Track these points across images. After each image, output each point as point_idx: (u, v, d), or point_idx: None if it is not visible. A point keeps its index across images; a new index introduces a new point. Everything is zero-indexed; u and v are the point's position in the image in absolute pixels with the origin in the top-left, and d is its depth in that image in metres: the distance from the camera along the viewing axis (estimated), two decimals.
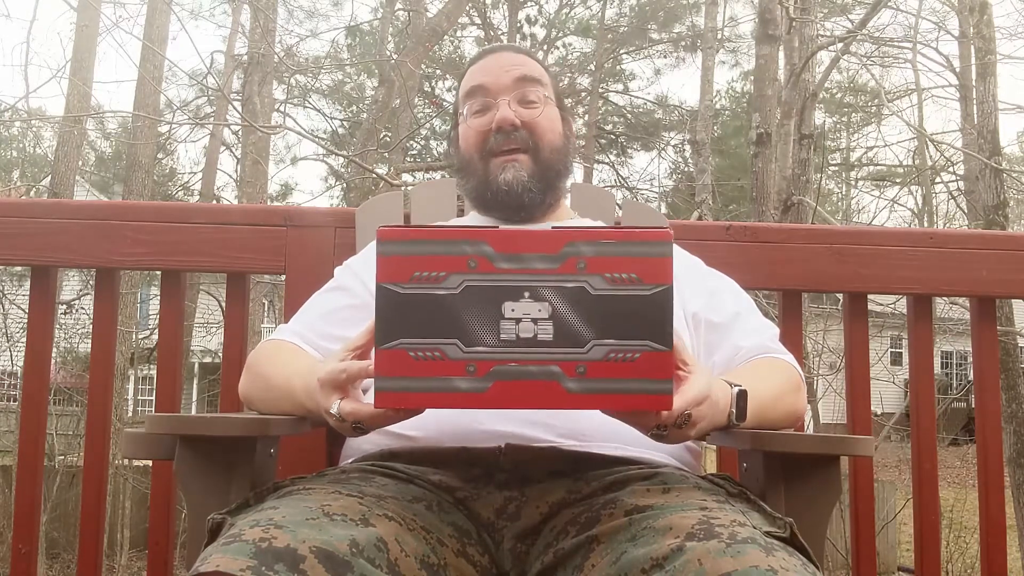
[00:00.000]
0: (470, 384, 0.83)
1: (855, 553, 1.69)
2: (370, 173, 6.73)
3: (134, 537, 7.00)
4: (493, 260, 0.84)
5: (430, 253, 0.84)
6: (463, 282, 0.84)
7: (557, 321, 0.83)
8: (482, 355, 0.83)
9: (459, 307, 0.84)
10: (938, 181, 12.57)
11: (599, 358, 0.83)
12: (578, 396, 0.83)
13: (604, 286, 0.84)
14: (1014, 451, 5.24)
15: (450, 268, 0.84)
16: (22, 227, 1.68)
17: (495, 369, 0.83)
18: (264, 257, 1.69)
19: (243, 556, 0.83)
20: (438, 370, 0.83)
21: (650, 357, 0.83)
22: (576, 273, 0.84)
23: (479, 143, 1.34)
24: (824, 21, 9.42)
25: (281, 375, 1.18)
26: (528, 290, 0.84)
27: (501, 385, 0.83)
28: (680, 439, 0.97)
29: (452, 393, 0.83)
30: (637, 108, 14.81)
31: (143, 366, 8.69)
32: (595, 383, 0.83)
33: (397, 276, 0.84)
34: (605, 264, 0.84)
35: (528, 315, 0.83)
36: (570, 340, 0.83)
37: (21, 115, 9.19)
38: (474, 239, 0.85)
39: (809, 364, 6.08)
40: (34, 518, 1.66)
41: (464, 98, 1.37)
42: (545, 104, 1.35)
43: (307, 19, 12.20)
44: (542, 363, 0.83)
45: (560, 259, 0.84)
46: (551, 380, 0.83)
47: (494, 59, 1.38)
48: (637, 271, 0.84)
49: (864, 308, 1.77)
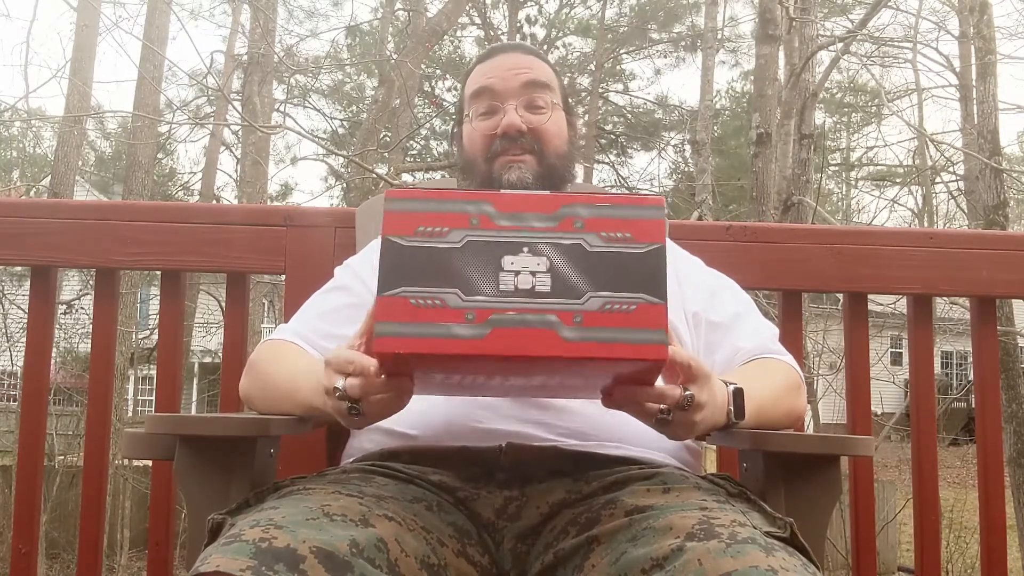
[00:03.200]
0: (469, 331, 0.84)
1: (855, 553, 1.69)
2: (370, 173, 6.73)
3: (134, 537, 7.00)
4: (494, 218, 0.87)
5: (434, 210, 0.87)
6: (465, 237, 0.87)
7: (555, 274, 0.86)
8: (481, 303, 0.85)
9: (460, 259, 0.86)
10: (938, 181, 12.59)
11: (595, 308, 0.85)
12: (575, 344, 0.84)
13: (600, 243, 0.87)
14: (1014, 451, 5.24)
15: (453, 224, 0.87)
16: (22, 227, 1.68)
17: (493, 317, 0.84)
18: (264, 257, 1.68)
19: (243, 556, 0.83)
20: (438, 317, 0.84)
21: (645, 309, 0.85)
22: (573, 231, 0.87)
23: (484, 146, 1.33)
24: (824, 21, 9.42)
25: (282, 375, 1.18)
26: (527, 245, 0.86)
27: (499, 332, 0.84)
28: (683, 429, 0.97)
29: (450, 339, 0.84)
30: (637, 108, 14.82)
31: (143, 366, 8.69)
32: (591, 332, 0.84)
33: (401, 230, 0.87)
34: (601, 224, 0.87)
35: (527, 268, 0.86)
36: (567, 291, 0.85)
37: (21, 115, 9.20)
38: (477, 199, 0.88)
39: (809, 364, 6.07)
40: (34, 518, 1.66)
41: (471, 98, 1.36)
42: (552, 110, 1.34)
43: (307, 19, 12.23)
44: (539, 312, 0.85)
45: (558, 218, 0.88)
46: (548, 328, 0.84)
47: (503, 60, 1.37)
48: (632, 231, 0.87)
49: (864, 308, 1.77)
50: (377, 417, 0.95)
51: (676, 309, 1.28)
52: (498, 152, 1.32)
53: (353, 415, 0.93)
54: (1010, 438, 5.24)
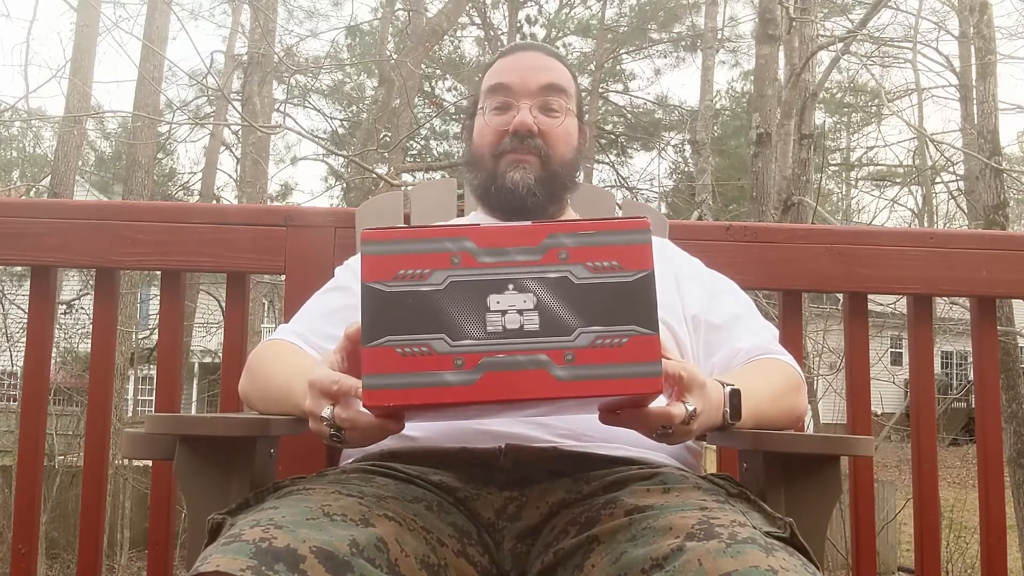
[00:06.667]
0: (459, 377, 0.82)
1: (855, 553, 1.69)
2: (370, 173, 6.73)
3: (134, 537, 6.99)
4: (476, 255, 0.85)
5: (413, 252, 0.85)
6: (447, 278, 0.84)
7: (542, 311, 0.84)
8: (470, 348, 0.83)
9: (444, 302, 0.84)
10: (938, 181, 12.60)
11: (586, 345, 0.83)
12: (568, 383, 0.83)
13: (587, 275, 0.85)
14: (1014, 451, 5.24)
15: (434, 265, 0.85)
16: (22, 227, 1.68)
17: (483, 361, 0.83)
18: (264, 257, 1.68)
19: (243, 556, 0.83)
20: (426, 365, 0.82)
21: (637, 341, 0.84)
22: (558, 263, 0.85)
23: (493, 142, 1.33)
24: (824, 21, 9.42)
25: (281, 375, 1.18)
26: (512, 282, 0.84)
27: (490, 376, 0.82)
28: (680, 438, 0.97)
29: (441, 387, 0.82)
30: (637, 108, 14.81)
31: (143, 366, 8.69)
32: (584, 369, 0.83)
33: (382, 275, 0.84)
34: (586, 254, 0.85)
35: (513, 306, 0.84)
36: (556, 329, 0.83)
37: (21, 115, 9.19)
38: (456, 236, 0.86)
39: (809, 364, 6.08)
40: (34, 518, 1.66)
41: (487, 92, 1.36)
42: (565, 115, 1.34)
43: (307, 19, 12.22)
44: (530, 352, 0.83)
45: (541, 251, 0.85)
46: (540, 369, 0.83)
47: (524, 58, 1.38)
48: (618, 259, 0.85)
49: (864, 308, 1.77)
50: (358, 445, 0.95)
51: (675, 311, 1.29)
52: (506, 149, 1.32)
53: (335, 441, 0.93)
54: (1010, 438, 5.24)
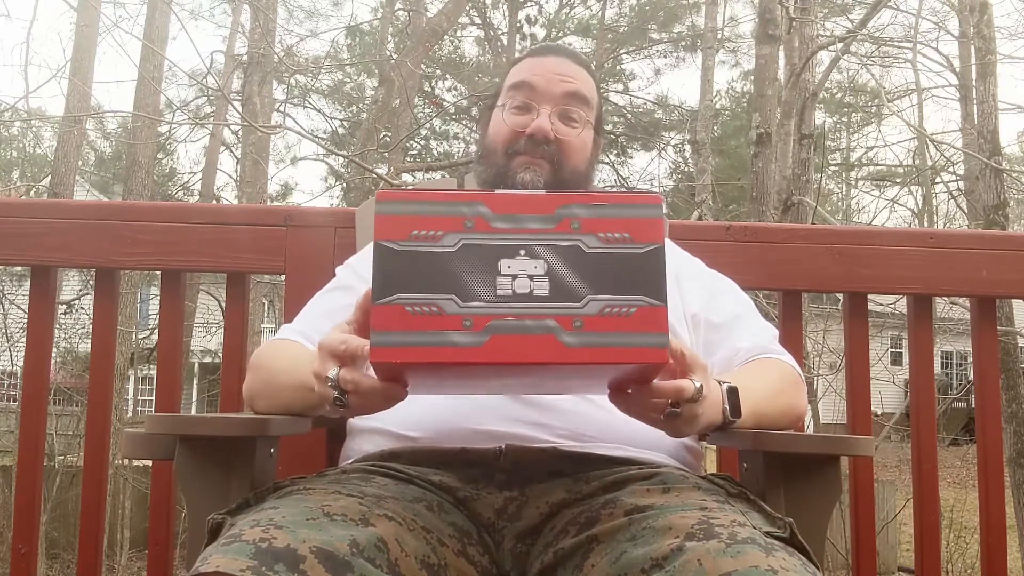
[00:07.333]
0: (466, 338, 0.82)
1: (855, 553, 1.69)
2: (370, 173, 6.73)
3: (134, 537, 6.99)
4: (489, 220, 0.85)
5: (428, 213, 0.85)
6: (460, 240, 0.85)
7: (553, 277, 0.84)
8: (479, 310, 0.83)
9: (456, 264, 0.84)
10: (938, 181, 12.60)
11: (595, 312, 0.84)
12: (575, 350, 0.83)
13: (598, 244, 0.85)
14: (1014, 451, 5.24)
15: (447, 227, 0.85)
16: (22, 227, 1.68)
17: (492, 323, 0.83)
18: (264, 257, 1.68)
19: (243, 556, 0.83)
20: (434, 324, 0.82)
21: (645, 312, 0.84)
22: (571, 232, 0.86)
23: (508, 140, 1.33)
24: (824, 21, 9.43)
25: (286, 364, 1.17)
26: (524, 248, 0.85)
27: (498, 339, 0.82)
28: (688, 423, 0.97)
29: (448, 347, 0.82)
30: (637, 108, 14.80)
31: (143, 366, 8.69)
32: (592, 336, 0.83)
33: (395, 234, 0.85)
34: (598, 224, 0.86)
35: (524, 271, 0.84)
36: (566, 295, 0.84)
37: (21, 115, 9.20)
38: (471, 200, 0.86)
39: (809, 364, 6.07)
40: (34, 518, 1.66)
41: (510, 88, 1.36)
42: (584, 127, 1.34)
43: (307, 19, 12.23)
44: (538, 317, 0.83)
45: (555, 219, 0.86)
46: (548, 334, 0.83)
47: (552, 63, 1.37)
48: (630, 231, 0.86)
49: (864, 308, 1.77)
50: (361, 412, 0.95)
51: (675, 310, 1.29)
52: (520, 151, 1.32)
53: (338, 405, 0.93)
54: (1010, 438, 5.24)
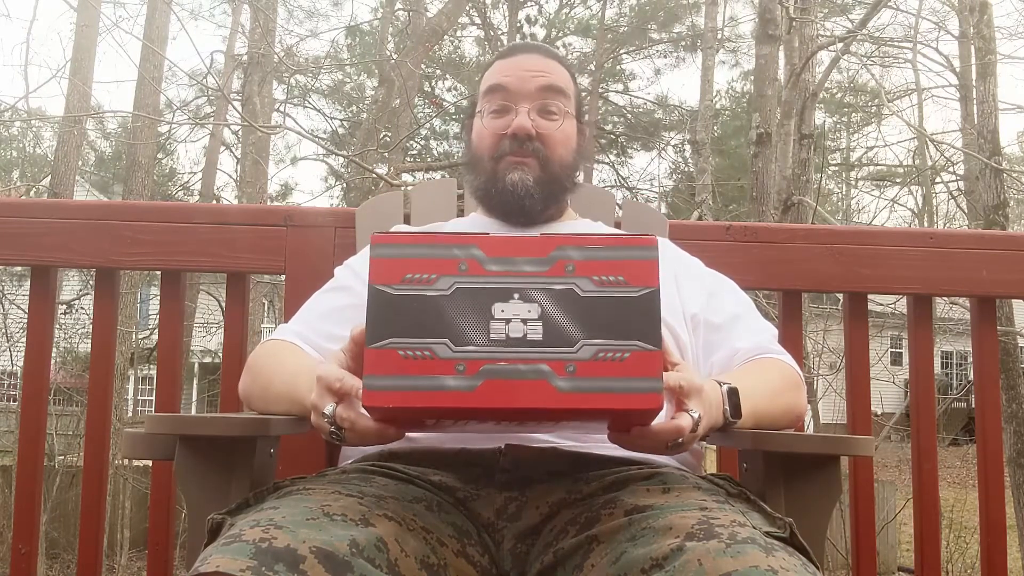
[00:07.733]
0: (459, 383, 0.82)
1: (855, 553, 1.69)
2: (370, 173, 6.73)
3: (134, 537, 6.99)
4: (483, 263, 0.85)
5: (421, 257, 0.85)
6: (453, 284, 0.84)
7: (546, 321, 0.84)
8: (472, 354, 0.83)
9: (449, 308, 0.84)
10: (938, 181, 12.60)
11: (588, 357, 0.83)
12: (568, 395, 0.83)
13: (592, 288, 0.85)
14: (1014, 451, 5.24)
15: (441, 271, 0.85)
16: (22, 227, 1.68)
17: (485, 368, 0.83)
18: (264, 257, 1.68)
19: (243, 556, 0.83)
20: (427, 369, 0.83)
21: (639, 356, 0.84)
22: (565, 276, 0.85)
23: (492, 145, 1.34)
24: (824, 21, 9.42)
25: (280, 374, 1.18)
26: (518, 291, 0.84)
27: (490, 384, 0.82)
28: (692, 444, 0.98)
29: (441, 392, 0.82)
30: (637, 108, 14.81)
31: (143, 366, 8.69)
32: (585, 382, 0.83)
33: (389, 278, 0.85)
34: (593, 267, 0.85)
35: (518, 316, 0.84)
36: (559, 340, 0.83)
37: (21, 115, 9.20)
38: (464, 243, 0.86)
39: (809, 364, 6.07)
40: (34, 518, 1.66)
41: (485, 94, 1.37)
42: (564, 118, 1.34)
43: (307, 19, 12.22)
44: (532, 362, 0.83)
45: (549, 262, 0.85)
46: (541, 379, 0.83)
47: (523, 60, 1.37)
48: (624, 274, 0.85)
49: (864, 308, 1.77)
50: (356, 445, 0.95)
51: (675, 311, 1.29)
52: (505, 152, 1.33)
53: (334, 438, 0.93)
54: (1010, 438, 5.24)
